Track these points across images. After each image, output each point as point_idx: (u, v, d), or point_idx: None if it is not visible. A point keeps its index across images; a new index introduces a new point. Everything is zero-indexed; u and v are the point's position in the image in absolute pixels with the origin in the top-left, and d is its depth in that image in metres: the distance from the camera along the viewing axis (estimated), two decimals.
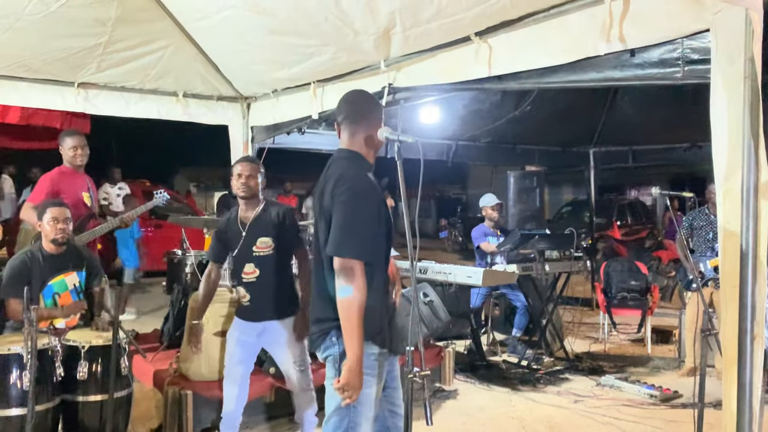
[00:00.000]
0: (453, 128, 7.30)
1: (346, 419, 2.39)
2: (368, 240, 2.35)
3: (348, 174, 2.43)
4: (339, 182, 2.41)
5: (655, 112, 6.98)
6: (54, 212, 3.76)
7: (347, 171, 2.44)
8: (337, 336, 2.40)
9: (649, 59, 2.85)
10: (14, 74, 4.81)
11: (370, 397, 2.41)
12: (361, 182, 2.41)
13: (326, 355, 2.47)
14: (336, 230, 2.35)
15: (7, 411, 3.12)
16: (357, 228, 2.34)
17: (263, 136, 5.87)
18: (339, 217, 2.37)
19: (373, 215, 2.39)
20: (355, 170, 2.46)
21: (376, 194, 2.42)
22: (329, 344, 2.45)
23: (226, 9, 4.03)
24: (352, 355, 2.29)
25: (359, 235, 2.33)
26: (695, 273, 5.14)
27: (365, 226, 2.36)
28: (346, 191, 2.37)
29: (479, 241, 6.51)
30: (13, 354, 3.15)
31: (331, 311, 2.39)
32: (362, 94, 2.72)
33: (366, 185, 2.41)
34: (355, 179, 2.41)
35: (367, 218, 2.37)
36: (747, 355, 2.41)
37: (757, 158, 2.37)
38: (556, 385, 5.39)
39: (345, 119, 2.58)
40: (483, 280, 5.24)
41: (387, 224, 2.48)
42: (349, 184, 2.38)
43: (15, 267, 3.77)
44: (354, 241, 2.31)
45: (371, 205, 2.39)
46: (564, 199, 20.43)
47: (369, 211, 2.38)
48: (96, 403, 3.39)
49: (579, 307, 7.91)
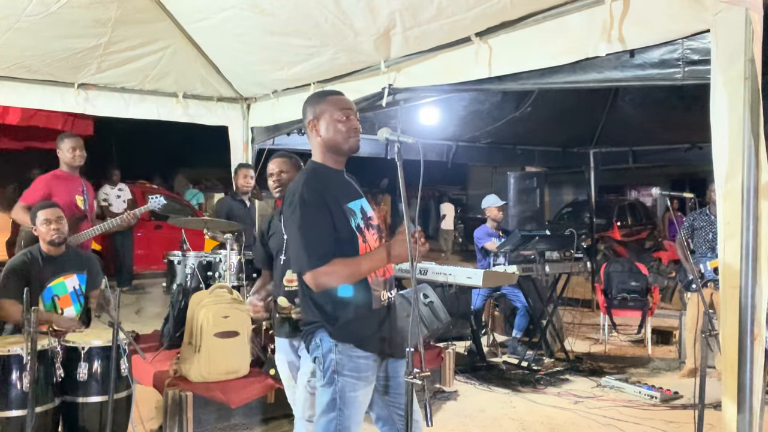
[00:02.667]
0: (453, 129, 7.30)
1: (333, 422, 2.39)
2: (324, 243, 2.31)
3: (289, 191, 2.45)
4: (284, 202, 2.48)
5: (655, 113, 6.97)
6: (46, 213, 3.76)
7: (290, 188, 2.47)
8: (322, 337, 2.41)
9: (649, 60, 2.85)
10: (14, 75, 4.82)
11: (356, 400, 2.40)
12: (299, 194, 2.36)
13: (314, 356, 2.47)
14: (292, 248, 2.39)
15: (7, 412, 3.11)
16: (307, 238, 2.32)
17: (263, 137, 5.87)
18: (288, 235, 2.43)
19: (318, 219, 2.33)
20: (295, 185, 2.44)
21: (318, 199, 2.35)
22: (315, 345, 2.45)
23: (226, 10, 4.03)
24: (381, 255, 2.36)
25: (312, 244, 2.31)
26: (695, 274, 5.14)
27: (314, 233, 2.32)
28: (288, 207, 2.40)
29: (483, 241, 6.50)
30: (13, 355, 3.14)
31: (316, 313, 2.41)
32: (306, 101, 2.62)
33: (306, 194, 2.35)
34: (294, 193, 2.40)
35: (311, 224, 2.32)
36: (747, 355, 2.41)
37: (757, 159, 2.37)
38: (556, 386, 5.39)
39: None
40: (483, 281, 5.24)
41: (347, 223, 2.40)
42: (288, 201, 2.41)
43: (14, 268, 3.76)
44: (308, 252, 2.31)
45: (312, 210, 2.33)
46: (564, 200, 20.42)
47: (311, 217, 2.33)
48: (96, 405, 3.38)
49: (579, 308, 7.91)
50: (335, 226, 2.36)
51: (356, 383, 2.39)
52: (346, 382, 2.38)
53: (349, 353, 2.38)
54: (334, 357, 2.38)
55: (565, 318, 6.81)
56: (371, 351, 2.41)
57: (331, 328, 2.39)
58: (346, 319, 2.38)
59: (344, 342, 2.38)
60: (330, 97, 2.56)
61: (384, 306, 2.48)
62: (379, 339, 2.44)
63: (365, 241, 2.43)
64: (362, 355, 2.39)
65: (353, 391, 2.39)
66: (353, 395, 2.39)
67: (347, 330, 2.38)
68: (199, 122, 5.75)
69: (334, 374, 2.39)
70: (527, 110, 6.69)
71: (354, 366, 2.38)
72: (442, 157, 7.89)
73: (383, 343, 2.45)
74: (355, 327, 2.39)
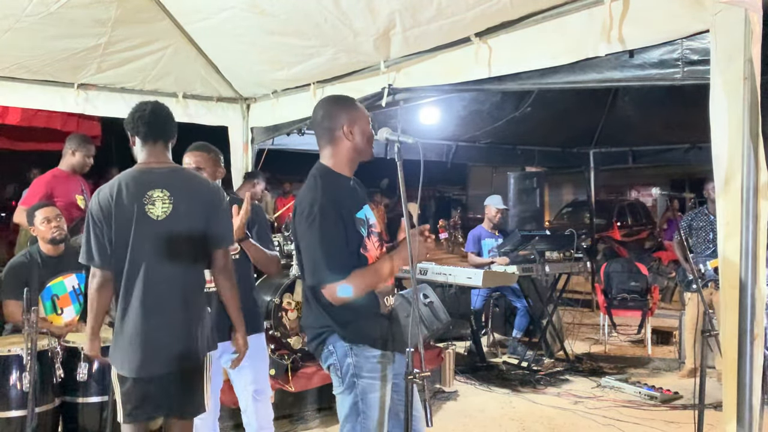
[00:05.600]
0: (453, 129, 7.30)
1: (358, 426, 2.35)
2: (343, 257, 2.30)
3: (305, 199, 2.39)
4: (297, 209, 2.43)
5: (655, 113, 6.97)
6: (44, 212, 3.77)
7: (305, 196, 2.41)
8: (334, 343, 2.38)
9: (648, 60, 2.84)
10: (14, 75, 4.81)
11: (376, 401, 2.37)
12: (319, 205, 2.33)
13: (328, 364, 2.43)
14: (308, 260, 2.36)
15: (7, 413, 3.12)
16: (326, 252, 2.30)
17: (263, 137, 5.87)
18: (304, 246, 2.38)
19: (337, 232, 2.31)
20: (312, 193, 2.39)
21: (336, 210, 2.33)
22: (328, 353, 2.41)
23: (226, 10, 4.03)
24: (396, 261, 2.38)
25: (332, 258, 2.29)
26: (695, 274, 5.14)
27: (334, 246, 2.30)
28: (304, 217, 2.35)
29: (469, 248, 6.58)
30: (13, 355, 3.15)
31: (326, 318, 2.37)
32: (321, 103, 2.56)
33: (325, 205, 2.32)
34: (312, 203, 2.34)
35: (331, 237, 2.30)
36: (747, 355, 2.41)
37: (756, 159, 2.37)
38: (556, 386, 5.39)
39: (314, 131, 2.56)
40: (483, 282, 5.24)
41: (358, 234, 2.39)
42: (304, 210, 2.36)
43: (14, 269, 3.77)
44: (329, 266, 2.29)
45: (330, 222, 2.31)
46: (564, 200, 20.42)
47: (331, 230, 2.30)
48: (96, 405, 3.39)
49: (579, 308, 7.91)
50: (348, 238, 2.34)
51: (376, 383, 2.37)
52: (366, 384, 2.36)
53: (365, 354, 2.36)
54: (351, 361, 2.36)
55: (565, 318, 6.82)
56: (386, 349, 2.40)
57: (343, 331, 2.37)
58: (357, 321, 2.37)
59: (359, 343, 2.36)
60: (359, 104, 2.56)
61: (388, 311, 2.49)
62: (390, 336, 2.44)
63: (367, 250, 2.42)
64: (378, 354, 2.38)
65: (374, 392, 2.36)
66: (375, 396, 2.36)
67: (360, 331, 2.37)
68: (199, 122, 5.74)
69: (353, 378, 2.36)
70: (527, 110, 6.69)
71: (372, 367, 2.36)
72: (442, 157, 7.88)
73: (393, 342, 2.45)
74: (367, 328, 2.38)
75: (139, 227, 2.56)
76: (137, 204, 2.57)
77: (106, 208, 2.57)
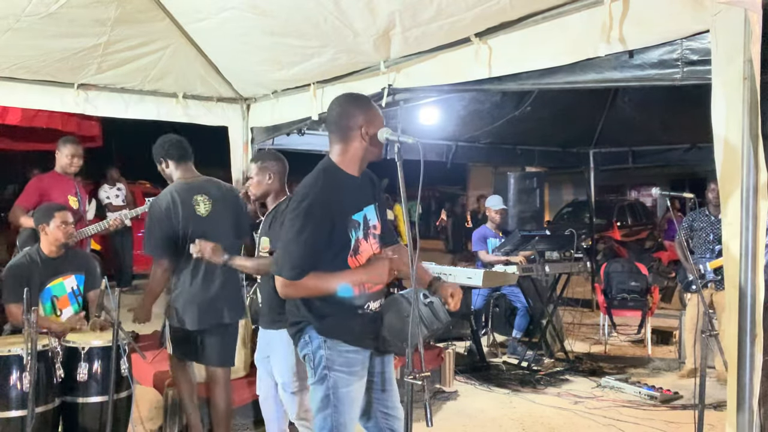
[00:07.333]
0: (453, 129, 7.30)
1: (329, 419, 2.40)
2: (305, 258, 2.30)
3: (300, 191, 2.43)
4: (293, 196, 2.46)
5: (654, 113, 6.98)
6: (63, 216, 3.84)
7: (302, 187, 2.44)
8: (310, 335, 2.42)
9: (648, 60, 2.84)
10: (14, 75, 4.81)
11: (348, 395, 2.41)
12: (308, 202, 2.34)
13: (303, 353, 2.48)
14: (278, 248, 2.42)
15: (7, 413, 3.11)
16: (293, 249, 2.32)
17: (263, 137, 5.86)
18: (282, 233, 2.43)
19: (308, 235, 2.31)
20: (307, 188, 2.41)
21: (324, 211, 2.34)
22: (304, 343, 2.45)
23: (226, 10, 4.03)
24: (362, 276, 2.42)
25: (295, 255, 2.31)
26: (695, 274, 5.14)
27: (301, 246, 2.31)
28: (293, 210, 2.37)
29: (477, 247, 6.54)
30: (13, 355, 3.15)
31: (303, 311, 2.42)
32: (339, 100, 2.57)
33: (314, 205, 2.33)
34: (303, 198, 2.37)
35: (304, 238, 2.31)
36: (747, 355, 2.41)
37: (756, 159, 2.37)
38: (556, 386, 5.39)
39: (326, 126, 2.57)
40: (483, 282, 5.24)
41: (346, 236, 2.40)
42: (295, 204, 2.38)
43: (14, 269, 3.77)
44: (289, 262, 2.32)
45: (311, 222, 2.31)
46: (564, 200, 20.41)
47: (307, 230, 2.31)
48: (96, 405, 3.38)
49: (579, 308, 7.91)
50: (331, 239, 2.35)
51: (348, 378, 2.41)
52: (338, 377, 2.39)
53: (338, 348, 2.39)
54: (324, 353, 2.39)
55: (565, 318, 6.82)
56: (360, 346, 2.43)
57: (318, 324, 2.40)
58: (333, 316, 2.40)
59: (332, 338, 2.39)
60: (375, 105, 2.58)
61: (370, 312, 2.49)
62: (367, 336, 2.45)
63: (358, 253, 2.43)
64: (351, 349, 2.41)
65: (346, 387, 2.40)
66: (346, 390, 2.40)
67: (335, 327, 2.40)
68: (199, 122, 5.74)
69: (325, 370, 2.40)
70: (527, 110, 6.69)
71: (344, 361, 2.39)
72: (442, 157, 7.89)
73: (371, 340, 2.46)
74: (343, 324, 2.40)
75: (193, 222, 3.49)
76: (188, 206, 3.50)
77: (167, 210, 3.47)
